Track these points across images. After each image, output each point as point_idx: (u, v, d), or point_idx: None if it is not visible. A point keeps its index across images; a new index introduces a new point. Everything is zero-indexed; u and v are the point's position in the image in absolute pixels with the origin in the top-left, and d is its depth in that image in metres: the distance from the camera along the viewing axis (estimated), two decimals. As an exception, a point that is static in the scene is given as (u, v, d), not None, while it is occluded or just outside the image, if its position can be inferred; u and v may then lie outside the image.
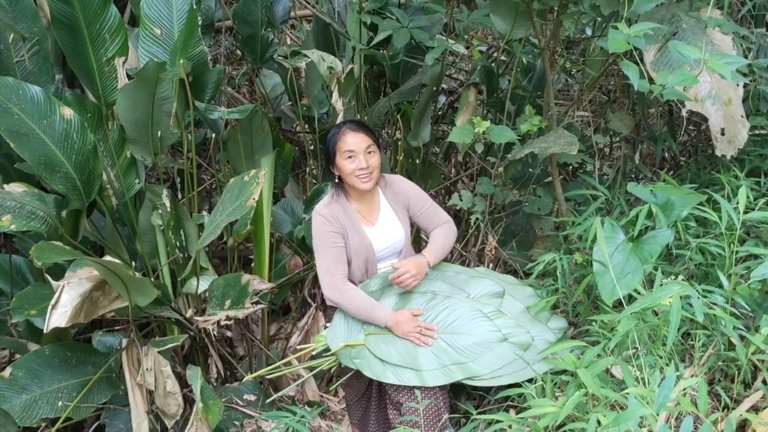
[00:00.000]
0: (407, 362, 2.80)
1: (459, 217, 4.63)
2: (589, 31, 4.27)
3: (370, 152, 2.95)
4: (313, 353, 3.11)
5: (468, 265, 3.86)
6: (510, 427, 2.10)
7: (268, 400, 3.55)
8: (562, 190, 3.49)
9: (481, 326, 2.87)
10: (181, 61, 3.21)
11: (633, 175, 3.95)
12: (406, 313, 2.90)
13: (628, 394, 1.72)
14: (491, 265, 3.67)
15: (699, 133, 4.06)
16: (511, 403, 2.65)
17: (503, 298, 2.99)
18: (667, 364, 2.01)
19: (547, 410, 1.90)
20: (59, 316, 2.74)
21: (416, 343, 2.84)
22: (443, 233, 3.15)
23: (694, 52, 2.26)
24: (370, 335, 2.91)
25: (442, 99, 4.92)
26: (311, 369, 3.22)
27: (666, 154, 4.35)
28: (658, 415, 1.76)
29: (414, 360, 2.80)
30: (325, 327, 3.19)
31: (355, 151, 2.92)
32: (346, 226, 3.01)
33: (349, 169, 2.94)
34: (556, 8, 3.35)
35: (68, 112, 3.14)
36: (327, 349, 3.02)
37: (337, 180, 3.04)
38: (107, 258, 2.84)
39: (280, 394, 3.70)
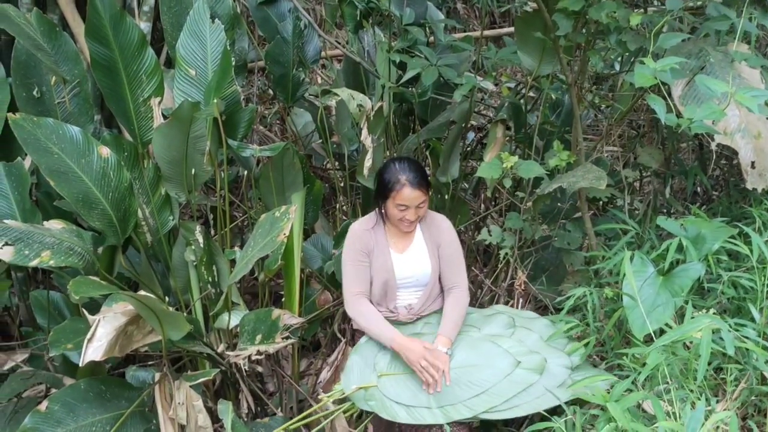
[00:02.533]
0: (420, 401, 2.78)
1: (489, 252, 4.63)
2: (617, 66, 4.30)
3: (420, 206, 3.00)
4: (331, 401, 3.11)
5: (497, 301, 3.86)
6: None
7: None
8: (591, 224, 3.48)
9: (492, 354, 2.86)
10: (215, 101, 3.29)
11: (664, 210, 3.94)
12: (417, 342, 2.92)
13: (658, 428, 1.72)
14: (521, 300, 3.67)
15: (731, 167, 4.04)
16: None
17: (515, 328, 2.98)
18: (699, 398, 1.99)
19: (578, 445, 1.89)
20: (95, 349, 2.79)
21: (419, 376, 2.82)
22: (456, 307, 3.08)
23: (721, 85, 2.28)
24: (382, 377, 2.90)
25: (471, 135, 4.96)
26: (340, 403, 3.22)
27: (698, 189, 4.34)
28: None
29: (426, 398, 2.79)
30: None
31: (408, 207, 2.97)
32: (373, 246, 3.08)
33: (398, 217, 3.01)
34: (583, 44, 3.38)
35: (105, 151, 3.23)
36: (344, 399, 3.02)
37: (382, 209, 3.09)
38: (142, 293, 2.89)
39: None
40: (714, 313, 2.30)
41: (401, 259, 3.11)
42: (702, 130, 2.54)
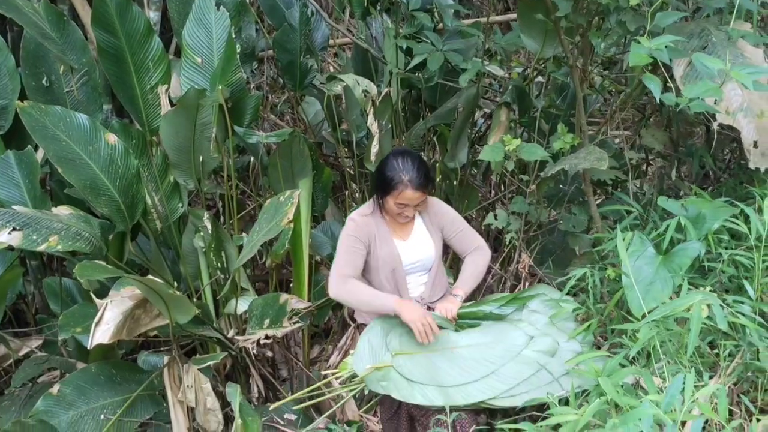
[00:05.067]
0: (432, 379, 2.81)
1: (500, 238, 4.64)
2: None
3: (419, 204, 3.02)
4: (339, 380, 3.12)
5: (504, 284, 3.87)
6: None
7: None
8: (596, 207, 3.48)
9: (504, 330, 2.88)
10: (220, 88, 3.32)
11: (671, 192, 3.92)
12: (418, 304, 2.99)
13: (643, 400, 1.73)
14: (527, 283, 3.68)
15: (741, 149, 4.01)
16: (537, 413, 2.64)
17: (523, 311, 3.02)
18: (690, 373, 2.00)
19: (569, 418, 1.90)
20: (103, 332, 2.85)
21: (417, 336, 2.86)
22: (474, 262, 3.18)
23: (717, 63, 2.27)
24: (397, 355, 2.92)
25: (481, 121, 4.96)
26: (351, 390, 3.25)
27: (710, 171, 4.31)
28: (674, 416, 1.74)
29: (439, 376, 2.81)
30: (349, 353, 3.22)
31: (408, 206, 2.99)
32: (375, 236, 3.06)
33: (396, 212, 3.01)
34: (584, 25, 3.37)
35: (112, 138, 3.28)
36: (354, 375, 3.04)
37: (380, 200, 3.09)
38: (148, 277, 2.94)
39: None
40: (711, 291, 2.30)
41: (405, 245, 3.12)
42: (701, 109, 2.53)
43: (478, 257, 3.18)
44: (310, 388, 3.25)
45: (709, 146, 3.76)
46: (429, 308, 3.15)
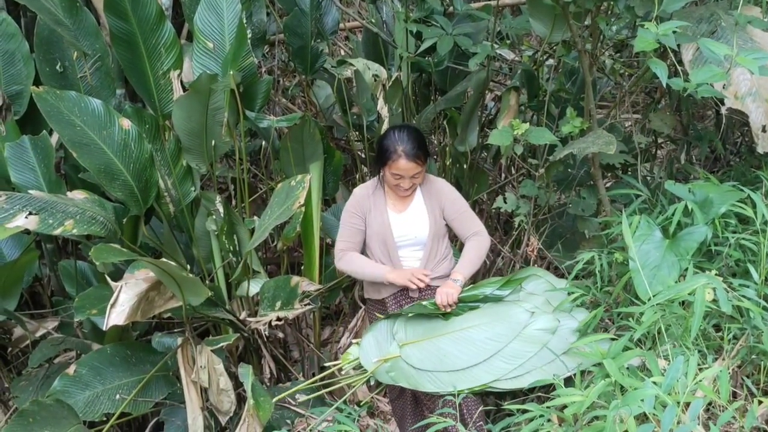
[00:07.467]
0: (441, 364, 2.85)
1: (510, 222, 4.66)
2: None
3: (415, 177, 3.11)
4: (342, 372, 3.17)
5: (513, 267, 3.89)
6: (541, 416, 2.13)
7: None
8: (605, 191, 3.49)
9: (505, 308, 2.95)
10: (231, 73, 3.35)
11: (682, 176, 3.93)
12: (406, 269, 3.16)
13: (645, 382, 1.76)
14: (536, 267, 3.70)
15: (751, 133, 4.01)
16: (544, 394, 2.68)
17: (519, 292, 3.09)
18: (694, 355, 2.03)
19: (574, 399, 1.94)
20: (118, 314, 2.90)
21: (410, 286, 3.09)
22: (473, 248, 3.23)
23: (723, 48, 2.28)
24: (404, 345, 2.96)
25: (492, 104, 4.97)
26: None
27: (721, 155, 4.31)
28: (677, 398, 1.78)
29: (448, 360, 2.85)
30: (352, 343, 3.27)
31: (403, 176, 3.09)
32: (370, 207, 3.22)
33: (393, 183, 3.14)
34: (592, 10, 3.37)
35: (126, 123, 3.31)
36: (357, 366, 3.09)
37: (381, 174, 3.20)
38: (162, 260, 2.99)
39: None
40: (717, 275, 2.32)
41: (399, 218, 3.22)
42: (709, 93, 2.55)
43: (477, 243, 3.24)
44: (320, 375, 3.31)
45: (719, 130, 3.77)
46: (427, 286, 3.21)
